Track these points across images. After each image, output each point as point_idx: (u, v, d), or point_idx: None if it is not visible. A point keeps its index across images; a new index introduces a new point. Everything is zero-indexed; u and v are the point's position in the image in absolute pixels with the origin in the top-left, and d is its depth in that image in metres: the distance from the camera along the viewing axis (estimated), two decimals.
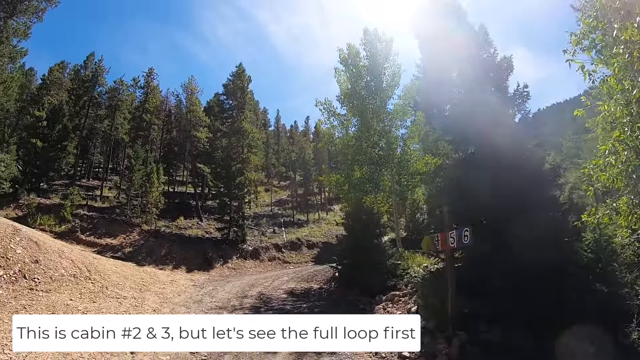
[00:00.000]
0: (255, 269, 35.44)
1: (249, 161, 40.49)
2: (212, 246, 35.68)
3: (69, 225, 35.84)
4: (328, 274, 27.16)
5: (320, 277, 27.63)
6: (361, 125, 26.71)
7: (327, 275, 27.13)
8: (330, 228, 50.29)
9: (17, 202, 38.84)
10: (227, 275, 31.71)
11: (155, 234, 35.53)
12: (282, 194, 65.85)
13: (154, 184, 37.35)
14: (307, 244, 43.17)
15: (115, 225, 36.59)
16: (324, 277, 27.32)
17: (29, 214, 36.49)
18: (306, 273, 30.27)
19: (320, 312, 16.35)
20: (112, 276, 21.59)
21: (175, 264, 32.03)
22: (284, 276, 29.27)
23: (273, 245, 39.95)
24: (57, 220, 36.39)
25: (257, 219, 47.92)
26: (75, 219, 36.86)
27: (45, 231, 33.88)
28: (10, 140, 42.31)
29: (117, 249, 33.09)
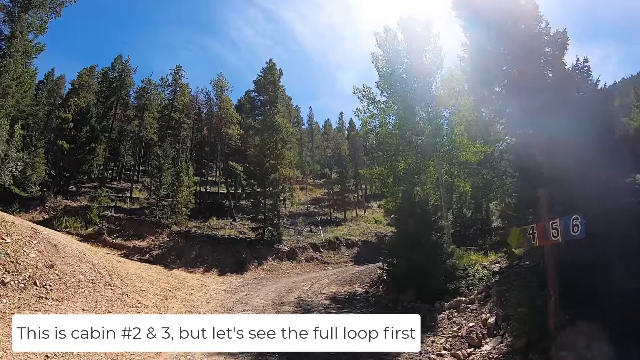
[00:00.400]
0: (292, 270, 32.53)
1: (283, 157, 37.60)
2: (245, 247, 32.92)
3: (96, 228, 33.79)
4: (372, 276, 24.46)
5: (364, 279, 24.84)
6: (404, 112, 24.09)
7: (371, 277, 24.35)
8: (369, 226, 47.22)
9: (44, 205, 37.35)
10: (262, 278, 28.88)
11: (185, 235, 32.95)
12: (317, 193, 63.17)
13: (184, 182, 34.73)
14: (345, 243, 40.06)
15: (143, 227, 34.24)
16: (369, 278, 24.54)
17: (55, 217, 34.81)
18: (348, 274, 27.43)
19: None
20: (136, 281, 19.49)
21: (206, 267, 29.37)
22: (323, 278, 26.48)
23: (310, 245, 36.99)
24: (84, 222, 34.57)
25: (293, 218, 45.12)
26: (103, 221, 34.80)
27: (71, 234, 32.07)
28: (38, 144, 40.66)
29: (145, 252, 30.64)
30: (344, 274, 27.77)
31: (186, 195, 34.64)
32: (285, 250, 34.24)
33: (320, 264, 35.49)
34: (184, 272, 27.29)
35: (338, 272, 29.83)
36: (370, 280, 23.94)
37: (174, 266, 28.37)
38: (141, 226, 34.34)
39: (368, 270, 27.19)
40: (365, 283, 23.84)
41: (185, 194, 34.44)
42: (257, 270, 30.66)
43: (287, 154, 38.41)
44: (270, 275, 30.23)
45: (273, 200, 35.90)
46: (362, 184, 63.94)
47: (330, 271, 31.19)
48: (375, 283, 22.43)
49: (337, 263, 36.34)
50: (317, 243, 37.68)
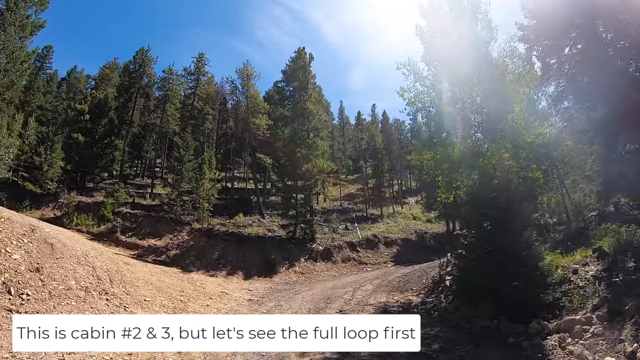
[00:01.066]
0: (328, 272, 28.12)
1: (316, 146, 33.24)
2: (275, 246, 28.60)
3: (109, 225, 30.34)
4: (424, 280, 21.09)
5: (415, 285, 20.79)
6: (457, 86, 20.14)
7: (423, 282, 20.86)
8: (408, 223, 42.50)
9: (57, 202, 34.14)
10: (293, 282, 24.63)
11: (207, 234, 28.88)
12: (350, 188, 58.60)
13: (205, 175, 30.46)
14: (384, 241, 35.30)
15: (161, 225, 30.40)
16: (420, 284, 20.75)
17: (67, 214, 31.33)
18: (393, 278, 23.02)
19: (444, 350, 10.95)
20: (142, 288, 16.17)
21: (230, 269, 25.21)
22: (366, 283, 22.29)
23: (347, 244, 32.45)
24: (97, 219, 31.38)
25: (327, 215, 40.70)
26: (117, 218, 31.36)
27: (81, 232, 29.33)
28: (55, 138, 37.53)
29: (161, 252, 26.73)
30: (389, 278, 23.40)
31: (208, 189, 30.38)
32: (319, 250, 29.81)
33: (358, 264, 30.93)
34: (204, 276, 23.24)
35: (380, 274, 25.31)
36: (424, 286, 20.06)
37: (192, 268, 24.37)
38: (159, 224, 30.51)
39: (415, 273, 23.38)
40: (418, 290, 19.76)
41: (207, 188, 30.20)
42: (287, 273, 26.31)
43: (320, 143, 34.08)
44: (303, 278, 25.87)
45: (305, 194, 31.56)
46: (397, 179, 59.00)
47: (371, 273, 26.70)
48: (432, 290, 18.59)
49: (376, 263, 31.72)
50: (353, 242, 33.12)
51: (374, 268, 30.28)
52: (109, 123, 42.32)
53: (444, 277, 18.48)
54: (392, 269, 28.41)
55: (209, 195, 30.33)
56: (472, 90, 20.38)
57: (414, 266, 26.90)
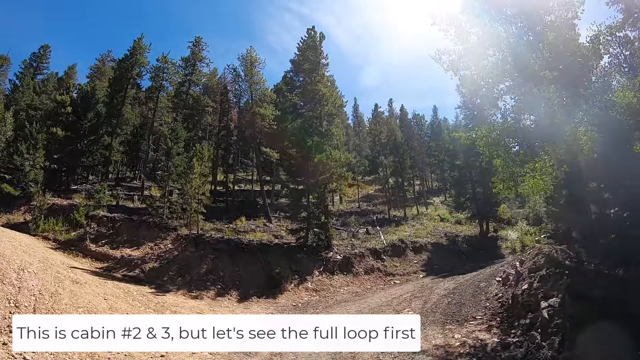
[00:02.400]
0: (348, 287, 21.87)
1: (330, 135, 27.06)
2: (281, 256, 22.30)
3: (81, 231, 24.19)
4: (481, 299, 15.09)
5: (474, 308, 14.45)
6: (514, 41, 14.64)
7: (483, 303, 14.65)
8: (436, 225, 36.04)
9: (29, 204, 28.54)
10: (304, 304, 18.43)
11: (195, 241, 22.43)
12: (368, 189, 52.36)
13: (195, 168, 24.05)
14: (412, 247, 28.62)
15: (142, 231, 24.42)
16: (480, 306, 14.44)
17: (34, 218, 25.48)
18: (438, 298, 16.55)
19: None
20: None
21: (220, 288, 18.86)
22: (402, 306, 15.99)
23: (369, 252, 26.00)
24: (68, 224, 25.51)
25: (344, 217, 34.39)
26: (92, 222, 25.79)
27: (47, 239, 24.39)
28: (39, 137, 31.87)
29: (136, 265, 20.62)
30: (431, 297, 16.89)
31: (197, 186, 23.84)
32: (337, 260, 23.40)
33: (384, 276, 24.48)
34: (183, 298, 17.11)
35: (416, 290, 18.95)
36: (489, 310, 13.73)
37: (171, 287, 18.25)
38: (140, 229, 24.52)
39: (464, 289, 17.06)
40: (484, 319, 13.23)
41: (196, 185, 23.67)
42: (297, 291, 19.90)
43: (334, 131, 27.81)
44: (316, 298, 19.56)
45: (319, 191, 25.18)
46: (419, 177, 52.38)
47: (403, 288, 20.39)
48: (508, 320, 12.39)
49: (405, 274, 25.22)
50: (377, 248, 26.63)
51: (403, 280, 23.99)
52: (95, 117, 36.44)
53: (523, 300, 12.41)
54: (427, 281, 21.99)
55: (197, 192, 23.83)
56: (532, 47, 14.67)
57: (455, 278, 20.79)
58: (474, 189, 33.93)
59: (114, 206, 29.49)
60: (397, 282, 23.40)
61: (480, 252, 29.96)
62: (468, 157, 34.24)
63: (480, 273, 21.02)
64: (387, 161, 43.18)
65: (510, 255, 29.78)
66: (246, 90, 35.33)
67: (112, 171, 43.60)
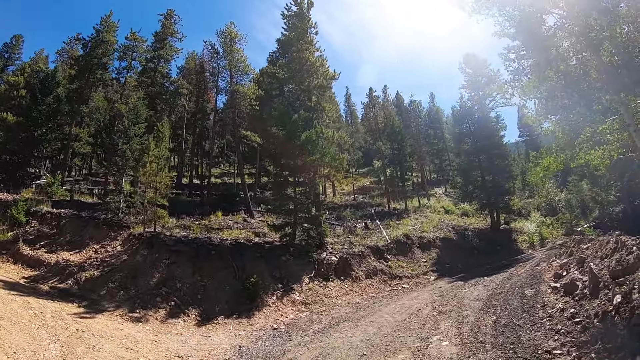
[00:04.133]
0: (346, 297, 16.87)
1: (321, 110, 22.05)
2: (261, 259, 17.19)
3: (16, 232, 18.91)
4: (536, 312, 10.74)
5: (535, 329, 9.66)
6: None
7: (543, 319, 10.13)
8: (442, 218, 31.03)
9: None
10: (289, 325, 13.44)
11: (149, 242, 17.04)
12: (362, 181, 47.41)
13: (151, 149, 18.78)
14: (418, 243, 23.59)
15: (91, 229, 19.32)
16: (544, 326, 9.71)
17: None
18: (474, 314, 11.54)
19: None
20: None
21: (174, 306, 13.57)
22: (426, 327, 11.12)
23: (370, 250, 20.84)
24: (9, 223, 20.32)
25: (338, 211, 29.28)
26: (34, 220, 20.37)
27: None
28: None
29: (71, 273, 15.39)
30: (462, 311, 11.98)
31: (153, 171, 18.36)
32: (331, 262, 18.23)
33: (389, 280, 19.41)
34: (119, 322, 12.07)
35: (436, 301, 13.97)
36: (566, 337, 8.80)
37: (107, 305, 13.09)
38: (87, 228, 19.39)
39: (504, 298, 12.42)
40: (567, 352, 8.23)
41: (152, 170, 18.27)
42: (280, 306, 14.70)
43: (326, 106, 22.72)
44: (306, 314, 14.49)
45: (308, 178, 20.13)
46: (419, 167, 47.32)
47: (416, 297, 15.30)
48: (606, 355, 7.30)
49: (414, 276, 20.24)
50: (380, 246, 21.52)
51: (411, 284, 19.11)
52: (55, 101, 31.09)
53: (633, 323, 7.44)
54: (444, 286, 16.95)
55: (156, 181, 18.45)
56: None
57: (480, 281, 16.04)
58: (483, 176, 29.14)
59: (67, 201, 24.32)
60: (406, 287, 18.51)
61: (497, 248, 25.38)
62: (476, 141, 29.57)
63: (512, 275, 16.37)
64: (385, 147, 38.04)
65: (529, 250, 25.46)
66: (224, 68, 30.06)
67: (81, 165, 38.42)
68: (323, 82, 23.38)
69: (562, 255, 15.85)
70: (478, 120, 30.75)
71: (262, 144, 27.30)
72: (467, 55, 31.88)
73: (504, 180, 29.97)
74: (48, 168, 35.42)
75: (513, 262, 20.89)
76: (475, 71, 31.42)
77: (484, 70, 31.41)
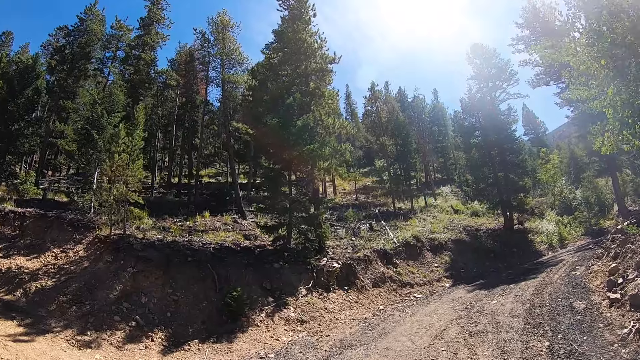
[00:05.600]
0: (351, 311, 14.21)
1: (320, 95, 19.41)
2: (249, 267, 14.36)
3: None
4: (602, 334, 8.09)
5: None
6: None
7: (614, 345, 7.43)
8: (451, 218, 28.26)
9: None
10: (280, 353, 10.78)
11: (114, 247, 14.21)
12: (364, 181, 44.83)
13: (121, 136, 15.86)
14: (429, 245, 20.92)
15: (54, 230, 16.52)
16: (620, 356, 6.93)
17: None
18: (519, 337, 8.81)
19: None
20: None
21: (136, 326, 10.72)
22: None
23: (377, 254, 18.13)
24: None
25: (340, 211, 26.67)
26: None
27: None
28: None
29: (20, 283, 12.64)
30: (501, 333, 9.33)
31: (120, 162, 15.37)
32: (333, 269, 15.41)
33: (399, 288, 16.75)
34: (62, 347, 9.55)
35: (462, 317, 11.32)
36: None
37: (53, 324, 10.40)
38: (51, 229, 16.62)
39: (548, 314, 9.93)
40: None
41: (119, 161, 15.25)
42: (270, 325, 11.83)
43: (326, 92, 20.01)
44: (302, 336, 11.72)
45: (306, 171, 17.36)
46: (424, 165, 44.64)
47: (435, 312, 12.68)
48: None
49: (427, 283, 17.67)
50: (387, 249, 18.78)
51: (425, 292, 16.63)
52: (34, 94, 28.34)
53: None
54: (465, 295, 14.20)
55: (118, 173, 15.43)
56: None
57: (507, 290, 13.37)
58: (495, 172, 26.52)
59: (38, 200, 21.63)
60: (419, 297, 15.94)
61: (513, 250, 22.81)
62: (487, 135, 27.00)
63: (546, 282, 13.53)
64: (389, 142, 35.38)
65: (548, 252, 22.82)
66: (215, 56, 27.34)
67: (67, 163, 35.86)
68: (322, 65, 20.62)
69: (602, 257, 13.07)
70: (489, 113, 28.21)
71: (255, 135, 24.51)
72: (474, 45, 29.41)
73: (517, 177, 27.34)
74: (33, 166, 33.00)
75: (537, 265, 18.39)
76: (484, 61, 28.94)
77: (493, 60, 28.94)
